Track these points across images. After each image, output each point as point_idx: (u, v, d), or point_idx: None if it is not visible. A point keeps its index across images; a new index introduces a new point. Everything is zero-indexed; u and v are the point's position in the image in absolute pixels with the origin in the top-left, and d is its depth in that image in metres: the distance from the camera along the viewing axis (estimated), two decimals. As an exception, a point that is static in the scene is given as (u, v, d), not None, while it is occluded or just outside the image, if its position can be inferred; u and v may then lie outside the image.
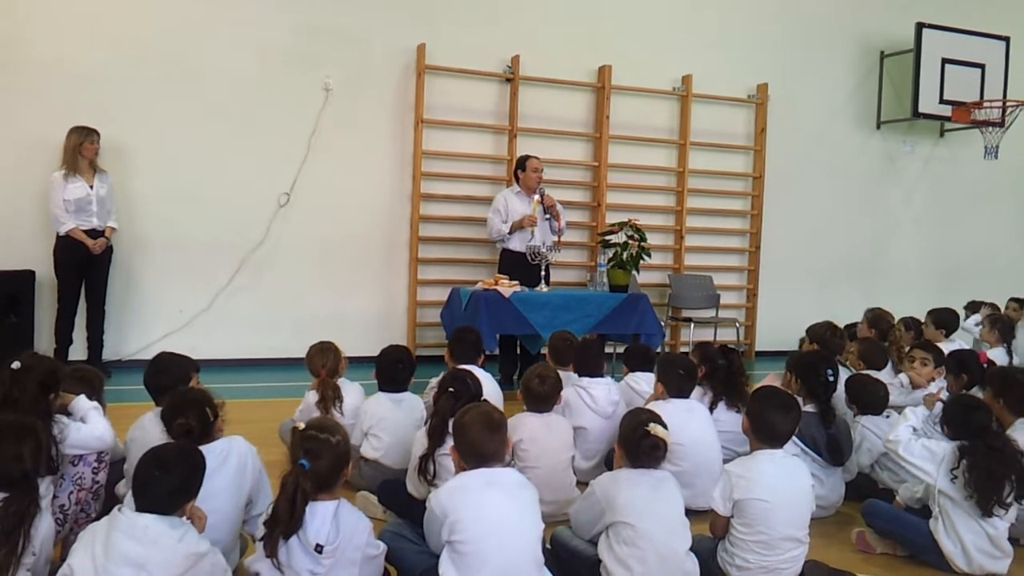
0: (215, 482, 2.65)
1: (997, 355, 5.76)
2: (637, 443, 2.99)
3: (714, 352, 4.61)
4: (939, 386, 4.53)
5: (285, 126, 7.39)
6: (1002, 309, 7.39)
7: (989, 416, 3.47)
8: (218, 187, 7.21)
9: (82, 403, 3.15)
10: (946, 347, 5.43)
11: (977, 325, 6.96)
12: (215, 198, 7.20)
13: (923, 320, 6.18)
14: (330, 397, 4.28)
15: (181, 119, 7.08)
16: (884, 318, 5.87)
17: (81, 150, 6.37)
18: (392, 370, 4.23)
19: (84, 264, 6.48)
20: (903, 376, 4.93)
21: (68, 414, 3.11)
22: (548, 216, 6.94)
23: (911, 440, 3.51)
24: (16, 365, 2.97)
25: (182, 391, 3.09)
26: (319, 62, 7.46)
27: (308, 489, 2.49)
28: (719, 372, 4.49)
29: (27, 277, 6.54)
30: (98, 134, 6.46)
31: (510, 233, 6.98)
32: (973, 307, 7.50)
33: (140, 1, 7.01)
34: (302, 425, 2.68)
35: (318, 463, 2.53)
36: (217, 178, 7.21)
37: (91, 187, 6.42)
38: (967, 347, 5.91)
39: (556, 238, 6.98)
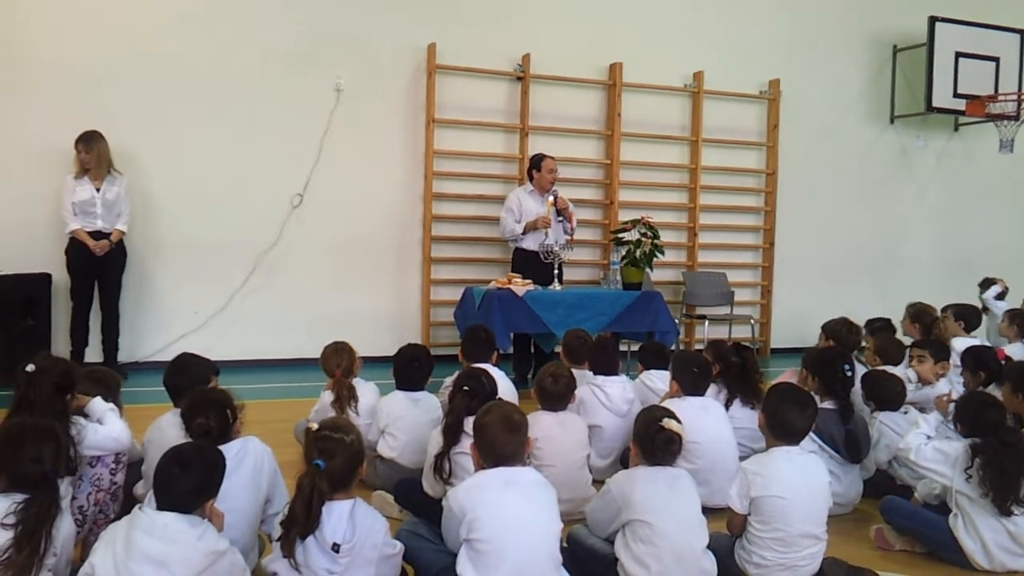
0: (233, 482, 2.66)
1: (1016, 351, 5.70)
2: (652, 438, 2.99)
3: (727, 350, 4.59)
4: (948, 387, 4.48)
5: (297, 127, 7.41)
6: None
7: (1003, 413, 3.44)
8: (231, 189, 7.24)
9: (98, 405, 3.16)
10: (965, 343, 5.40)
11: (996, 298, 6.95)
12: (228, 200, 7.23)
13: (943, 314, 6.11)
14: (345, 397, 4.29)
15: (193, 121, 7.11)
16: (928, 312, 5.79)
17: (76, 155, 6.46)
18: (409, 368, 4.24)
19: (93, 266, 6.52)
20: (910, 372, 4.88)
21: (85, 416, 3.13)
22: (561, 218, 6.91)
23: (921, 445, 3.49)
24: (31, 368, 2.98)
25: (204, 390, 3.10)
26: (330, 63, 7.48)
27: (324, 489, 2.50)
28: (733, 370, 4.48)
29: (44, 280, 6.59)
30: (87, 141, 6.41)
31: (523, 233, 6.97)
32: (987, 283, 7.50)
33: (147, 3, 7.04)
34: (315, 425, 2.68)
35: (333, 463, 2.54)
36: (230, 180, 7.24)
37: (97, 190, 6.46)
38: (987, 344, 5.85)
39: (568, 237, 6.96)
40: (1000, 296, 7.30)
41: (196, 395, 3.02)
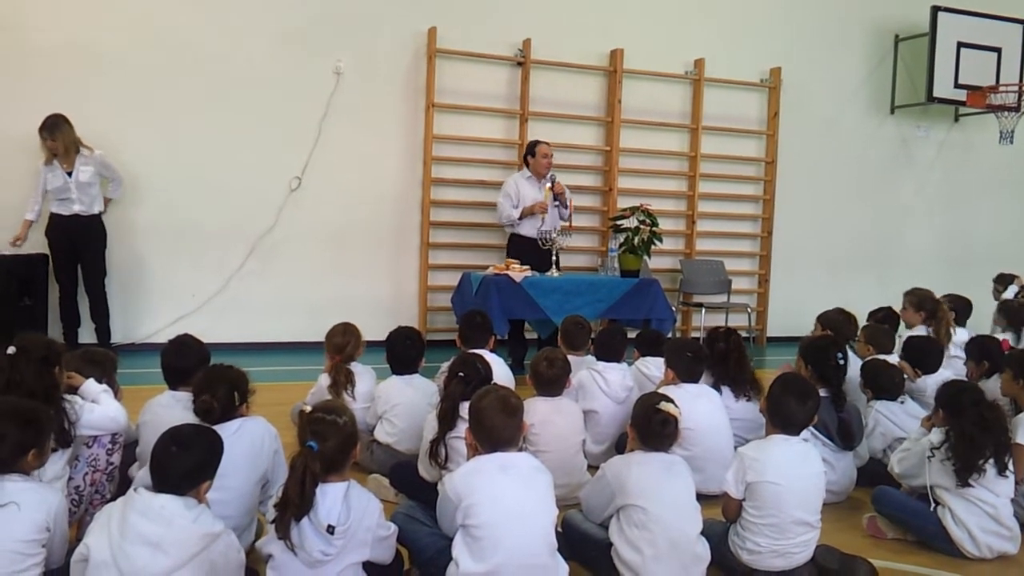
0: (227, 460, 2.65)
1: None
2: (648, 420, 3.00)
3: (715, 335, 4.53)
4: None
5: (296, 111, 7.39)
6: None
7: (982, 394, 3.50)
8: (230, 172, 7.23)
9: (92, 386, 3.16)
10: (966, 334, 5.42)
11: (1017, 295, 6.90)
12: (226, 183, 7.22)
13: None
14: (342, 382, 4.29)
15: (192, 104, 7.09)
16: (930, 298, 5.66)
17: (42, 143, 6.41)
18: (401, 347, 4.24)
19: (70, 246, 6.53)
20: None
21: (80, 396, 3.12)
22: (557, 203, 6.91)
23: (901, 464, 3.61)
24: (11, 350, 2.94)
25: (219, 367, 3.08)
26: (330, 46, 7.45)
27: (317, 471, 2.50)
28: (717, 354, 4.39)
29: (40, 260, 6.59)
30: (50, 128, 6.31)
31: (520, 219, 6.96)
32: (1003, 280, 7.42)
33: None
34: (309, 407, 2.69)
35: (326, 444, 2.54)
36: (228, 163, 7.22)
37: (69, 174, 6.43)
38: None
39: (566, 223, 6.94)
40: (1018, 294, 7.18)
41: (211, 371, 3.02)
